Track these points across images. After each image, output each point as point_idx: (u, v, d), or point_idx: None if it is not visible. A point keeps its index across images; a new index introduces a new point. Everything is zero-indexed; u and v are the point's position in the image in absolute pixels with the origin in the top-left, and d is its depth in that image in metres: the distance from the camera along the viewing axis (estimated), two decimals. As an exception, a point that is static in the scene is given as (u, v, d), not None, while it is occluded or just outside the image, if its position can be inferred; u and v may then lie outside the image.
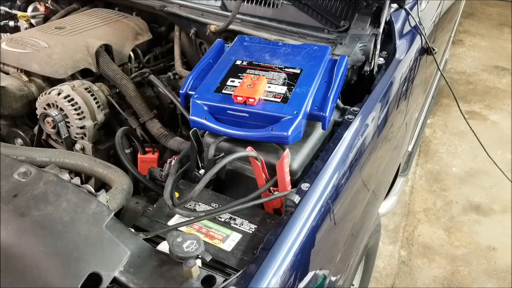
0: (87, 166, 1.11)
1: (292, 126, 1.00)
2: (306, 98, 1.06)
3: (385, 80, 1.32)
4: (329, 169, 1.01)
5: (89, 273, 0.75)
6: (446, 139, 2.99)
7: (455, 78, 3.58)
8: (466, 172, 2.73)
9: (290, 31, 1.48)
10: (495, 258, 2.24)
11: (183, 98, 1.13)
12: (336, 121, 1.19)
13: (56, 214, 0.82)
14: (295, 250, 0.85)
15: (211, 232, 0.92)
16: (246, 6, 1.55)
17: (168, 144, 1.40)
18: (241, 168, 1.07)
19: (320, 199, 0.95)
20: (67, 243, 0.79)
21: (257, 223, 0.95)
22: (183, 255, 0.77)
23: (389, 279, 2.16)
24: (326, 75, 1.16)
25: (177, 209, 0.95)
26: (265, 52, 1.22)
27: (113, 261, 0.79)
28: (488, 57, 3.84)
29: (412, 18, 1.54)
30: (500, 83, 3.53)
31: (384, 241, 2.32)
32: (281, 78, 1.12)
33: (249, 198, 0.98)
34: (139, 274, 0.79)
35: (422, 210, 2.50)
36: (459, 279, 2.15)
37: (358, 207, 1.25)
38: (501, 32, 4.18)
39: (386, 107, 1.31)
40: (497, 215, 2.47)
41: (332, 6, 1.51)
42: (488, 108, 3.26)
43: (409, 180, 2.66)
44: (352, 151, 1.10)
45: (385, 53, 1.42)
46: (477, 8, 4.57)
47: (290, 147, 1.04)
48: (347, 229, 1.17)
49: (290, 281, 0.84)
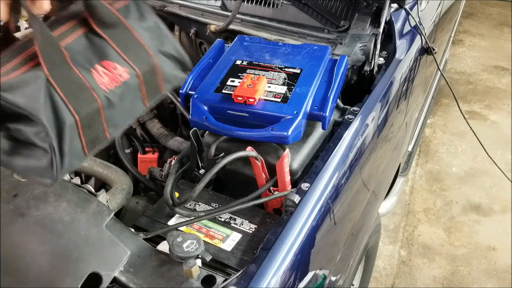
0: (87, 166, 1.11)
1: (292, 126, 1.00)
2: (306, 98, 1.06)
3: (385, 80, 1.32)
4: (329, 169, 1.01)
5: (89, 273, 0.75)
6: (446, 139, 2.99)
7: (455, 78, 3.58)
8: (466, 172, 2.73)
9: (290, 31, 1.48)
10: (495, 258, 2.24)
11: (183, 98, 1.13)
12: (336, 121, 1.19)
13: (56, 214, 0.82)
14: (295, 250, 0.85)
15: (211, 232, 0.92)
16: (246, 6, 1.55)
17: (168, 144, 1.40)
18: (241, 168, 1.07)
19: (320, 199, 0.95)
20: (67, 243, 0.79)
21: (257, 223, 0.95)
22: (183, 255, 0.77)
23: (389, 279, 2.16)
24: (326, 75, 1.16)
25: (177, 209, 0.95)
26: (265, 52, 1.22)
27: (113, 261, 0.79)
28: (488, 57, 3.84)
29: (412, 18, 1.54)
30: (500, 83, 3.53)
31: (384, 241, 2.32)
32: (281, 78, 1.12)
33: (249, 198, 0.98)
34: (139, 274, 0.79)
35: (422, 210, 2.50)
36: (459, 279, 2.15)
37: (358, 207, 1.25)
38: (501, 32, 4.18)
39: (386, 107, 1.31)
40: (497, 215, 2.47)
41: (332, 6, 1.51)
42: (488, 108, 3.26)
43: (409, 180, 2.66)
44: (352, 151, 1.10)
45: (385, 53, 1.42)
46: (477, 8, 4.57)
47: (290, 147, 1.04)
48: (347, 229, 1.17)
49: (290, 281, 0.84)
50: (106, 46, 0.74)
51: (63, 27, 0.73)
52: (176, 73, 0.84)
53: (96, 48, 0.74)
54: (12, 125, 0.67)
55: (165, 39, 0.81)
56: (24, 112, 0.64)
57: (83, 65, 0.71)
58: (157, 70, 0.79)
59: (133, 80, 0.75)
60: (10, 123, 0.67)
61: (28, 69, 0.68)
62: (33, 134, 0.66)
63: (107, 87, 0.72)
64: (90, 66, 0.71)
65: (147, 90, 0.78)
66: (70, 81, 0.69)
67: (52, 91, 0.67)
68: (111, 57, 0.74)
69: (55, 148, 0.66)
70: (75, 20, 0.74)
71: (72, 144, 0.68)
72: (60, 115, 0.67)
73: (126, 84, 0.74)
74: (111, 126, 0.74)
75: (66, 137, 0.67)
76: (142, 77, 0.77)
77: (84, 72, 0.70)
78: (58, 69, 0.68)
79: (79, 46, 0.73)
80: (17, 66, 0.67)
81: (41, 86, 0.66)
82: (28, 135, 0.67)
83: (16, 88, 0.65)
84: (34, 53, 0.68)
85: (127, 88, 0.74)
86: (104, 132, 0.73)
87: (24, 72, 0.67)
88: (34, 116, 0.64)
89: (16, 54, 0.68)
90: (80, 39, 0.73)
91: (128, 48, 0.76)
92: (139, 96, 0.78)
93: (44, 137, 0.66)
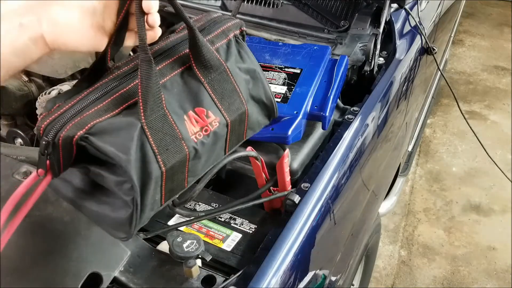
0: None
1: (292, 126, 1.00)
2: (306, 98, 1.06)
3: (385, 80, 1.32)
4: (329, 169, 1.01)
5: (89, 273, 0.75)
6: (446, 139, 2.99)
7: (455, 78, 3.58)
8: (466, 172, 2.73)
9: (290, 31, 1.48)
10: (495, 258, 2.24)
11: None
12: (336, 121, 1.19)
13: (56, 214, 0.82)
14: (295, 250, 0.85)
15: (211, 232, 0.92)
16: (246, 6, 1.55)
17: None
18: (241, 168, 1.07)
19: (320, 199, 0.95)
20: (67, 243, 0.79)
21: (257, 223, 0.95)
22: (183, 255, 0.77)
23: (389, 279, 2.16)
24: (326, 75, 1.16)
25: (177, 209, 0.95)
26: (265, 52, 1.22)
27: (113, 261, 0.79)
28: (488, 57, 3.84)
29: (412, 18, 1.54)
30: (500, 83, 3.53)
31: (384, 241, 2.32)
32: (281, 78, 1.12)
33: (249, 198, 0.98)
34: (139, 274, 0.79)
35: (422, 210, 2.50)
36: (459, 279, 2.15)
37: (358, 207, 1.25)
38: (501, 32, 4.18)
39: (386, 107, 1.31)
40: (497, 215, 2.47)
41: (332, 6, 1.51)
42: (488, 108, 3.26)
43: (409, 180, 2.66)
44: (352, 151, 1.10)
45: (385, 53, 1.42)
46: (477, 8, 4.57)
47: (290, 147, 1.04)
48: (347, 229, 1.17)
49: (290, 281, 0.84)
50: (202, 90, 0.68)
51: (164, 63, 0.66)
52: (260, 120, 0.78)
53: (191, 92, 0.67)
54: (92, 168, 0.61)
55: (259, 83, 0.76)
56: (111, 161, 0.58)
57: (177, 111, 0.64)
58: (245, 118, 0.73)
59: (221, 129, 0.69)
60: (91, 165, 0.61)
61: (120, 111, 0.61)
62: (115, 184, 0.60)
63: (196, 137, 0.66)
64: (183, 113, 0.65)
65: (231, 139, 0.73)
66: (163, 131, 0.62)
67: (144, 140, 0.60)
68: (205, 104, 0.68)
69: (138, 204, 0.60)
70: (175, 56, 0.68)
71: (153, 197, 0.63)
72: (149, 168, 0.60)
73: (215, 134, 0.68)
74: (191, 176, 0.68)
75: (150, 191, 0.61)
76: (231, 126, 0.71)
77: (177, 120, 0.64)
78: (154, 116, 0.61)
79: (174, 87, 0.66)
80: (110, 106, 0.60)
81: (134, 134, 0.59)
82: (110, 184, 0.61)
83: (106, 134, 0.58)
84: (129, 94, 0.62)
85: (215, 138, 0.69)
86: (184, 182, 0.68)
87: (115, 114, 0.60)
88: (123, 169, 0.58)
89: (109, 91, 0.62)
90: (176, 78, 0.67)
91: (223, 95, 0.70)
92: (223, 146, 0.72)
93: (128, 190, 0.60)
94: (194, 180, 0.71)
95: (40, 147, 0.58)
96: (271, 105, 0.78)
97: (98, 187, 0.63)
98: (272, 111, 0.80)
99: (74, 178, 0.65)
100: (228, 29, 0.74)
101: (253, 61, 0.76)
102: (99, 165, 0.61)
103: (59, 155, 0.58)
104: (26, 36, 0.58)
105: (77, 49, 0.62)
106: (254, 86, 0.75)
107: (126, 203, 0.61)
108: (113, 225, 0.64)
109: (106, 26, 0.62)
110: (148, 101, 0.60)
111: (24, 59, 0.60)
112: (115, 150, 0.57)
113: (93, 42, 0.62)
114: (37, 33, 0.59)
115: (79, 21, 0.59)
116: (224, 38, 0.73)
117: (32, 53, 0.60)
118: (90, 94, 0.61)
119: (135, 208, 0.60)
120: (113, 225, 0.64)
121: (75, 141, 0.57)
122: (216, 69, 0.69)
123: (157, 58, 0.67)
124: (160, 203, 0.66)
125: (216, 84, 0.69)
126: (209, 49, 0.68)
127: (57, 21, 0.59)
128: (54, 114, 0.59)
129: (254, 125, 0.77)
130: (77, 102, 0.60)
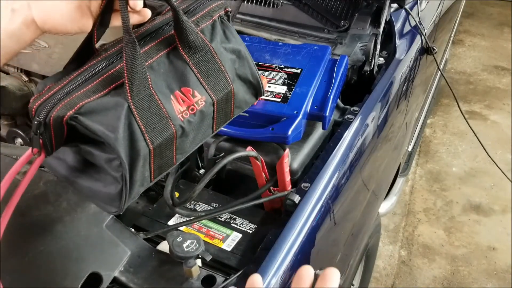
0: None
1: (292, 126, 1.00)
2: (306, 98, 1.06)
3: (385, 80, 1.32)
4: (329, 169, 1.01)
5: (89, 273, 0.75)
6: (446, 139, 2.99)
7: (455, 78, 3.58)
8: (466, 172, 2.73)
9: (290, 31, 1.48)
10: (495, 258, 2.23)
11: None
12: (336, 121, 1.19)
13: (56, 214, 0.82)
14: (295, 250, 0.85)
15: (211, 232, 0.92)
16: (246, 6, 1.55)
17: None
18: (241, 168, 1.07)
19: (320, 199, 0.95)
20: (67, 243, 0.79)
21: (257, 223, 0.95)
22: (183, 255, 0.77)
23: (389, 279, 2.16)
24: (326, 75, 1.16)
25: (177, 209, 0.95)
26: (265, 52, 1.22)
27: (113, 261, 0.79)
28: (488, 57, 3.84)
29: (412, 18, 1.54)
30: (500, 83, 3.53)
31: (384, 241, 2.32)
32: (281, 78, 1.12)
33: (249, 198, 0.98)
34: (139, 274, 0.79)
35: (422, 210, 2.50)
36: (459, 279, 2.15)
37: (358, 207, 1.25)
38: (501, 32, 4.18)
39: (386, 107, 1.31)
40: (497, 215, 2.47)
41: (332, 6, 1.51)
42: (488, 108, 3.26)
43: (409, 180, 2.66)
44: (352, 151, 1.10)
45: (385, 53, 1.42)
46: (477, 8, 4.56)
47: (290, 147, 1.04)
48: (347, 229, 1.17)
49: (290, 281, 0.84)
50: (188, 70, 0.70)
51: (150, 45, 0.68)
52: (248, 99, 0.80)
53: (177, 72, 0.69)
54: (83, 146, 0.63)
55: (245, 62, 0.77)
56: (100, 140, 0.61)
57: (163, 91, 0.67)
58: (232, 97, 0.75)
59: (208, 108, 0.71)
60: (81, 144, 0.63)
61: (108, 92, 0.63)
62: (105, 161, 0.63)
63: (183, 116, 0.68)
64: (170, 92, 0.67)
65: (218, 117, 0.75)
66: (150, 110, 0.64)
67: (131, 120, 0.63)
68: (191, 83, 0.70)
69: (127, 179, 0.63)
70: (161, 37, 0.69)
71: (142, 173, 0.65)
72: (136, 145, 0.63)
73: (201, 112, 0.70)
74: (179, 153, 0.70)
75: (139, 167, 0.64)
76: (217, 105, 0.73)
77: (164, 99, 0.66)
78: (140, 95, 0.63)
79: (160, 67, 0.68)
80: (98, 87, 0.62)
81: (122, 114, 0.62)
82: (100, 161, 0.63)
83: (94, 113, 0.60)
84: (117, 75, 0.64)
85: (201, 116, 0.71)
86: (172, 159, 0.70)
87: (103, 95, 0.63)
88: (112, 147, 0.61)
89: (97, 73, 0.64)
90: (162, 59, 0.69)
91: (209, 75, 0.71)
92: (210, 124, 0.74)
93: (117, 167, 0.62)
94: (183, 157, 0.73)
95: (33, 127, 0.60)
96: (257, 84, 0.80)
97: (90, 165, 0.66)
98: (259, 90, 0.82)
99: (67, 157, 0.68)
100: (212, 10, 0.75)
101: (238, 40, 0.78)
102: (90, 143, 0.63)
103: (51, 135, 0.60)
104: (19, 21, 0.61)
105: (66, 32, 0.64)
106: (240, 66, 0.77)
107: (116, 179, 0.64)
108: (104, 200, 0.67)
109: (92, 8, 0.64)
110: (134, 81, 0.63)
111: (19, 43, 0.62)
112: (103, 129, 0.60)
113: (80, 24, 0.64)
114: (29, 17, 0.61)
115: (65, 4, 0.61)
116: (209, 19, 0.74)
117: (26, 37, 0.62)
118: (79, 75, 0.63)
119: (124, 184, 0.63)
120: (105, 200, 0.67)
121: (65, 120, 0.59)
122: (201, 49, 0.71)
123: (143, 40, 0.68)
124: (150, 179, 0.68)
125: (202, 64, 0.71)
126: (193, 30, 0.70)
127: (45, 5, 0.61)
128: (45, 96, 0.61)
129: (241, 103, 0.79)
130: (67, 83, 0.63)
